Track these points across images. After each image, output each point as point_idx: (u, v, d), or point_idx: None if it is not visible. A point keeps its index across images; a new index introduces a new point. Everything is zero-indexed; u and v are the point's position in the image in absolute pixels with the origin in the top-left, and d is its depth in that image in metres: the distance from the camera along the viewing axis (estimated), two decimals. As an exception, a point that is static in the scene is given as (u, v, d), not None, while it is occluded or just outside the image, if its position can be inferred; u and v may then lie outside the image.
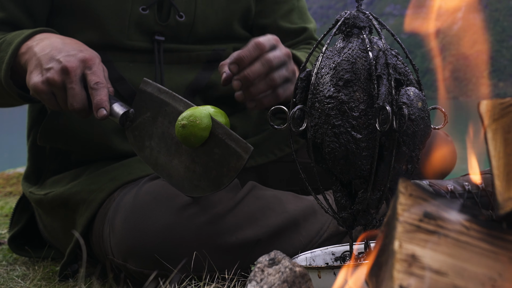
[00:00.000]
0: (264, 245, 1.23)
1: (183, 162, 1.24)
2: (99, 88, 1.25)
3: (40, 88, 1.26)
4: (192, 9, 1.50)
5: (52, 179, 1.50)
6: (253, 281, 0.81)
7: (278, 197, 1.30)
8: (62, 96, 1.27)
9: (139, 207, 1.24)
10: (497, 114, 0.69)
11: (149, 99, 1.31)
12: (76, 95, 1.25)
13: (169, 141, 1.26)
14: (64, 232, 1.43)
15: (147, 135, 1.30)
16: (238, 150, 1.16)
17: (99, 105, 1.25)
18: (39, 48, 1.29)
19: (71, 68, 1.25)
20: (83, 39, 1.44)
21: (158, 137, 1.28)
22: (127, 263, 1.24)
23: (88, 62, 1.27)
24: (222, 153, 1.18)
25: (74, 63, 1.26)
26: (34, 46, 1.31)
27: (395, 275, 0.58)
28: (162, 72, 1.47)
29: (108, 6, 1.43)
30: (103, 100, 1.25)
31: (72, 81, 1.25)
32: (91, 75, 1.26)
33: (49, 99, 1.28)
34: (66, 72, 1.25)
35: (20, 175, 3.23)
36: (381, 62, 0.93)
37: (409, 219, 0.63)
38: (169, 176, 1.26)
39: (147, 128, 1.30)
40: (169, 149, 1.26)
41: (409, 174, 0.96)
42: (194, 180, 1.22)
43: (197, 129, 1.17)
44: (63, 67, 1.25)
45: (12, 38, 1.36)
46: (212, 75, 1.53)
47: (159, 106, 1.30)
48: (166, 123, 1.27)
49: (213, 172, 1.20)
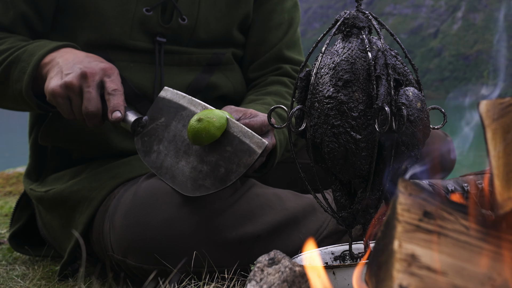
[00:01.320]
0: (263, 241, 1.23)
1: (190, 163, 1.24)
2: (116, 94, 1.28)
3: (58, 91, 1.27)
4: (195, 13, 1.51)
5: (53, 176, 1.51)
6: (252, 281, 0.81)
7: (277, 195, 1.31)
8: (77, 102, 1.28)
9: (139, 203, 1.25)
10: (497, 114, 0.69)
11: (167, 105, 1.32)
12: (92, 99, 1.27)
13: (180, 143, 1.27)
14: (62, 230, 1.44)
15: (157, 140, 1.31)
16: (252, 146, 1.18)
17: (115, 107, 1.27)
18: (62, 59, 1.32)
19: (90, 73, 1.28)
20: (86, 37, 1.46)
21: (168, 141, 1.29)
22: (127, 259, 1.25)
23: (107, 71, 1.30)
24: (234, 150, 1.19)
25: (93, 70, 1.28)
26: (57, 57, 1.33)
27: (395, 274, 0.58)
28: (162, 72, 1.48)
29: (113, 6, 1.45)
30: (120, 104, 1.27)
31: (89, 85, 1.27)
32: (109, 82, 1.29)
33: (64, 104, 1.29)
34: (84, 76, 1.27)
35: (20, 175, 3.23)
36: (380, 63, 0.93)
37: (409, 219, 0.63)
38: (172, 178, 1.26)
39: (158, 133, 1.31)
40: (177, 151, 1.27)
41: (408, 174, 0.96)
42: (199, 179, 1.22)
43: (211, 126, 1.18)
44: (82, 72, 1.28)
45: (34, 49, 1.37)
46: (212, 77, 1.54)
47: (175, 111, 1.31)
48: (180, 127, 1.28)
49: (221, 169, 1.20)
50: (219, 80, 1.55)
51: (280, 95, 1.54)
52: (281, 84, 1.59)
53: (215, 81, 1.54)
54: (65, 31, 1.50)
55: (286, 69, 1.63)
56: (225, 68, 1.58)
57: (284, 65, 1.63)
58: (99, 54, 1.45)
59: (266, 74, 1.64)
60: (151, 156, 1.30)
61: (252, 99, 1.52)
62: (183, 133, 1.27)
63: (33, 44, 1.39)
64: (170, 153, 1.28)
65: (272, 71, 1.63)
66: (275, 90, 1.56)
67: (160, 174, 1.29)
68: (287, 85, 1.60)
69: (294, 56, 1.66)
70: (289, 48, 1.66)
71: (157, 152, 1.30)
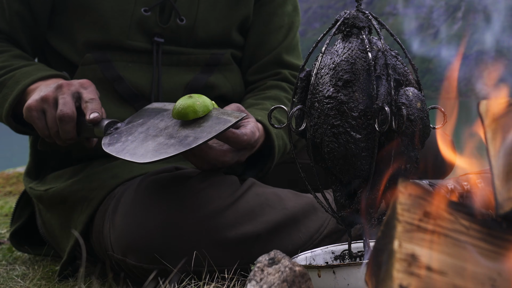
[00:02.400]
0: (263, 241, 1.23)
1: (156, 141, 1.21)
2: (93, 102, 1.28)
3: (33, 105, 1.28)
4: (194, 13, 1.51)
5: (52, 175, 1.51)
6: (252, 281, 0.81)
7: (277, 194, 1.31)
8: (51, 114, 1.28)
9: (139, 202, 1.25)
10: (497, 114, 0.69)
11: (150, 111, 1.32)
12: (67, 103, 1.27)
13: (151, 131, 1.24)
14: (61, 229, 1.44)
15: (127, 134, 1.28)
16: (228, 118, 1.17)
17: (93, 110, 1.27)
18: (45, 85, 1.33)
19: (65, 84, 1.29)
20: (84, 37, 1.46)
21: (139, 132, 1.27)
22: (127, 258, 1.25)
23: (84, 83, 1.32)
24: (209, 123, 1.18)
25: (69, 82, 1.30)
26: (42, 85, 1.34)
27: (395, 274, 0.58)
28: (160, 72, 1.48)
29: (111, 6, 1.45)
30: (98, 108, 1.28)
31: (64, 93, 1.28)
32: (86, 93, 1.30)
33: (38, 118, 1.28)
34: (60, 87, 1.29)
35: (20, 175, 3.23)
36: (381, 63, 0.93)
37: (409, 219, 0.63)
38: (132, 155, 1.20)
39: (131, 129, 1.29)
40: (146, 137, 1.24)
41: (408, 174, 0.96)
42: (162, 149, 1.18)
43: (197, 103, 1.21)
44: (58, 85, 1.29)
45: (20, 77, 1.38)
46: (210, 77, 1.54)
47: (157, 112, 1.30)
48: (157, 121, 1.27)
49: (189, 138, 1.17)
50: (218, 80, 1.55)
51: (279, 100, 1.54)
52: (280, 89, 1.59)
53: (214, 81, 1.54)
54: (63, 32, 1.50)
55: (285, 75, 1.62)
56: (224, 68, 1.57)
57: (283, 71, 1.63)
58: (97, 54, 1.45)
59: (265, 78, 1.63)
60: (115, 145, 1.25)
61: (251, 103, 1.51)
62: (159, 124, 1.25)
63: (23, 70, 1.40)
64: (138, 139, 1.24)
65: (271, 76, 1.63)
66: (274, 95, 1.55)
67: (119, 155, 1.22)
68: (286, 90, 1.60)
69: (293, 61, 1.65)
70: (288, 53, 1.65)
71: (123, 141, 1.25)
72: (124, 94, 1.46)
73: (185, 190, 1.25)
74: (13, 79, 1.38)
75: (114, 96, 1.45)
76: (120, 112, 1.43)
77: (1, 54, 1.44)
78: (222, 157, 1.26)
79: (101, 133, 1.28)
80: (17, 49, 1.49)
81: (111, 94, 1.45)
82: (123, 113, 1.44)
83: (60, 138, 1.30)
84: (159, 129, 1.24)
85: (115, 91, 1.45)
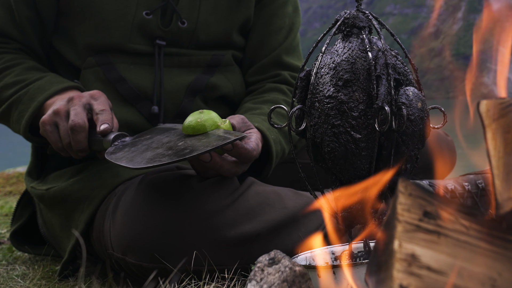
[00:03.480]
0: (263, 240, 1.23)
1: (155, 152, 1.22)
2: (104, 113, 1.29)
3: (46, 119, 1.30)
4: (195, 16, 1.52)
5: (54, 174, 1.51)
6: (253, 281, 0.81)
7: (277, 193, 1.31)
8: (64, 126, 1.29)
9: (139, 200, 1.26)
10: (497, 114, 0.69)
11: (161, 129, 1.34)
12: (79, 113, 1.28)
13: (154, 144, 1.25)
14: (62, 229, 1.44)
15: (131, 145, 1.28)
16: (227, 136, 1.18)
17: (104, 121, 1.28)
18: (60, 99, 1.34)
19: (76, 96, 1.30)
20: (86, 41, 1.47)
21: (142, 145, 1.27)
22: (127, 257, 1.25)
23: (95, 95, 1.33)
24: (209, 139, 1.19)
25: (80, 94, 1.32)
26: (58, 99, 1.35)
27: (395, 274, 0.58)
28: (162, 74, 1.49)
29: (113, 10, 1.46)
30: (109, 119, 1.28)
31: (75, 105, 1.29)
32: (97, 104, 1.31)
33: (51, 132, 1.30)
34: (71, 99, 1.30)
35: (20, 175, 3.23)
36: (381, 62, 0.93)
37: (409, 219, 0.63)
38: (129, 161, 1.20)
39: (136, 143, 1.29)
40: (147, 148, 1.25)
41: (408, 174, 0.96)
42: (157, 158, 1.18)
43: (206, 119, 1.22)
44: (69, 98, 1.30)
45: (34, 93, 1.39)
46: (211, 78, 1.54)
47: (165, 131, 1.31)
48: (163, 137, 1.28)
49: (186, 150, 1.17)
50: (219, 81, 1.56)
51: (277, 104, 1.54)
52: (278, 92, 1.59)
53: (215, 81, 1.55)
54: (65, 35, 1.51)
55: (285, 76, 1.62)
56: (225, 69, 1.58)
57: (283, 72, 1.63)
58: (99, 57, 1.46)
59: (264, 80, 1.63)
60: (117, 154, 1.25)
61: (249, 107, 1.51)
62: (163, 139, 1.26)
63: (36, 84, 1.41)
64: (138, 150, 1.25)
65: (270, 77, 1.63)
66: (273, 98, 1.55)
67: (116, 161, 1.22)
68: (285, 93, 1.60)
69: (293, 62, 1.65)
70: (288, 54, 1.65)
71: (125, 151, 1.26)
72: (127, 96, 1.47)
73: (185, 189, 1.25)
74: (28, 95, 1.40)
75: (116, 97, 1.46)
76: (123, 113, 1.45)
77: (15, 68, 1.46)
78: (234, 168, 1.28)
79: (108, 145, 1.29)
80: (30, 60, 1.50)
81: (114, 95, 1.46)
82: (126, 114, 1.45)
83: (72, 149, 1.31)
84: (162, 143, 1.25)
85: (117, 93, 1.47)
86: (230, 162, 1.27)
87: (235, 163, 1.28)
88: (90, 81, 1.45)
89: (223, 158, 1.26)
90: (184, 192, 1.24)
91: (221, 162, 1.25)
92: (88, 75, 1.45)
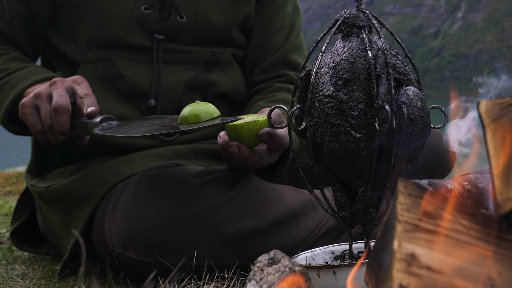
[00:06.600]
0: (263, 236, 1.24)
1: (148, 128, 1.23)
2: (89, 96, 1.30)
3: (26, 102, 1.29)
4: (194, 11, 1.52)
5: (54, 172, 1.51)
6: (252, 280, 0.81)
7: (277, 190, 1.31)
8: (45, 108, 1.28)
9: (139, 195, 1.26)
10: (496, 114, 0.69)
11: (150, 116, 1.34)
12: (62, 95, 1.28)
13: (147, 124, 1.25)
14: (62, 227, 1.44)
15: (121, 126, 1.28)
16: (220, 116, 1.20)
17: (90, 104, 1.28)
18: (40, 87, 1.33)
19: (59, 80, 1.30)
20: (85, 36, 1.48)
21: (133, 125, 1.27)
22: (127, 252, 1.25)
23: (77, 79, 1.33)
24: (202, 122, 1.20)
25: (63, 79, 1.32)
26: (37, 87, 1.35)
27: (395, 274, 0.58)
28: (160, 70, 1.50)
29: (112, 5, 1.47)
30: (94, 102, 1.29)
31: (58, 87, 1.29)
32: (80, 89, 1.31)
33: (31, 114, 1.29)
34: (53, 83, 1.30)
35: (20, 175, 3.23)
36: (381, 62, 0.93)
37: (409, 219, 0.63)
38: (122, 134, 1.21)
39: (126, 124, 1.29)
40: (140, 126, 1.25)
41: (408, 174, 0.96)
42: (152, 131, 1.20)
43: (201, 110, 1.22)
44: (51, 82, 1.30)
45: (16, 81, 1.39)
46: (211, 75, 1.55)
47: (156, 118, 1.31)
48: (155, 121, 1.27)
49: (181, 126, 1.19)
50: (218, 78, 1.56)
51: (289, 104, 1.55)
52: (287, 92, 1.60)
53: (214, 79, 1.55)
54: (64, 31, 1.52)
55: (291, 77, 1.63)
56: (224, 67, 1.58)
57: (289, 72, 1.64)
58: (98, 53, 1.47)
59: (271, 79, 1.64)
60: (107, 130, 1.24)
61: (262, 106, 1.52)
62: (155, 121, 1.26)
63: (18, 74, 1.41)
64: (131, 127, 1.25)
65: (277, 77, 1.64)
66: (284, 97, 1.56)
67: (108, 133, 1.22)
68: None
69: (299, 61, 1.66)
70: (294, 52, 1.66)
71: (114, 129, 1.25)
72: (125, 92, 1.47)
73: (185, 184, 1.26)
74: (9, 84, 1.40)
75: (115, 94, 1.47)
76: (121, 109, 1.45)
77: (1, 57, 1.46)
78: (260, 159, 1.27)
79: (94, 127, 1.27)
80: (16, 51, 1.51)
81: (112, 92, 1.47)
82: (124, 111, 1.45)
83: (53, 132, 1.30)
84: (155, 124, 1.26)
85: (116, 89, 1.47)
86: (256, 154, 1.26)
87: (261, 156, 1.26)
88: (88, 77, 1.45)
89: (251, 151, 1.25)
90: (184, 188, 1.25)
91: (248, 154, 1.24)
92: (87, 71, 1.46)
